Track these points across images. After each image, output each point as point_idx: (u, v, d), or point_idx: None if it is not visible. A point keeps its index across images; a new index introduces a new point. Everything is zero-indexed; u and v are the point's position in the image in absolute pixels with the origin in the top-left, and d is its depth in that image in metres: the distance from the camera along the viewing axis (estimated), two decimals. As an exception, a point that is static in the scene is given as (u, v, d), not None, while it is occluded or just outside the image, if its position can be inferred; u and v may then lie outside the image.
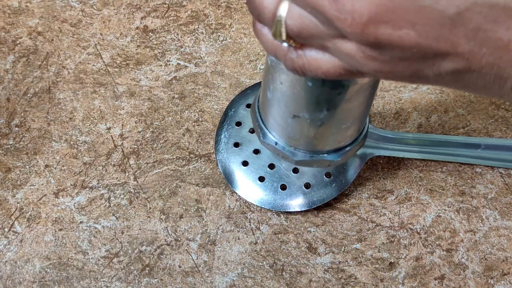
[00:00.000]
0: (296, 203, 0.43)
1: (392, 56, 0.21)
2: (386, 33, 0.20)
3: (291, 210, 0.43)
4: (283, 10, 0.22)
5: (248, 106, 0.46)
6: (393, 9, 0.19)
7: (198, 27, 0.51)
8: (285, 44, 0.24)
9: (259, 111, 0.35)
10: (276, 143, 0.34)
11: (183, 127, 0.47)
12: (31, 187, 0.44)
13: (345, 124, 0.32)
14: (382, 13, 0.19)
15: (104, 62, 0.49)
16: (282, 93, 0.30)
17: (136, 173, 0.45)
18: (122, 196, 0.44)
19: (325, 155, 0.34)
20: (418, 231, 0.43)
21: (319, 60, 0.24)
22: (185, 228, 0.43)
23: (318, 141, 0.33)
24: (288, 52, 0.24)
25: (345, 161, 0.37)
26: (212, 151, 0.46)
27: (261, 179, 0.43)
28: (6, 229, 0.43)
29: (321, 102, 0.29)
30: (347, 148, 0.34)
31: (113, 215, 0.43)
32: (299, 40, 0.23)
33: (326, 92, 0.29)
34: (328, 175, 0.43)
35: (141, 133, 0.46)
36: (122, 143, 0.46)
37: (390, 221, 0.43)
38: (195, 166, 0.45)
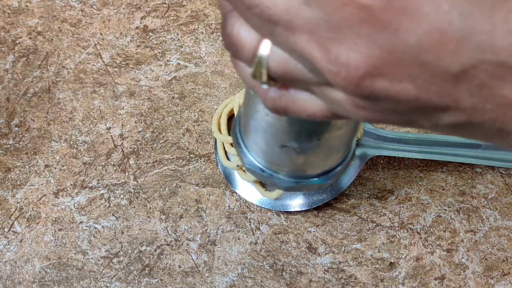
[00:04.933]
0: (296, 203, 0.43)
1: (386, 107, 0.19)
2: (383, 87, 0.18)
3: (291, 210, 0.43)
4: (264, 50, 0.20)
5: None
6: (392, 63, 0.17)
7: (198, 27, 0.51)
8: (265, 86, 0.21)
9: (241, 135, 0.32)
10: (262, 170, 0.32)
11: (183, 127, 0.47)
12: (31, 187, 0.44)
13: (335, 149, 0.30)
14: (380, 66, 0.17)
15: (104, 62, 0.49)
16: (268, 123, 0.28)
17: (136, 173, 0.45)
18: (122, 196, 0.44)
19: (315, 179, 0.32)
20: (418, 231, 0.43)
21: (305, 101, 0.21)
22: (185, 228, 0.43)
23: (307, 167, 0.31)
24: (269, 91, 0.22)
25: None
26: (212, 151, 0.46)
27: (261, 179, 0.43)
28: (6, 229, 0.43)
29: (311, 132, 0.28)
30: (337, 169, 0.33)
31: (113, 215, 0.43)
32: (281, 82, 0.21)
33: (316, 123, 0.27)
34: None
35: (141, 133, 0.46)
36: (122, 143, 0.46)
37: (390, 221, 0.43)
38: (195, 166, 0.45)
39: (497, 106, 0.18)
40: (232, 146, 0.43)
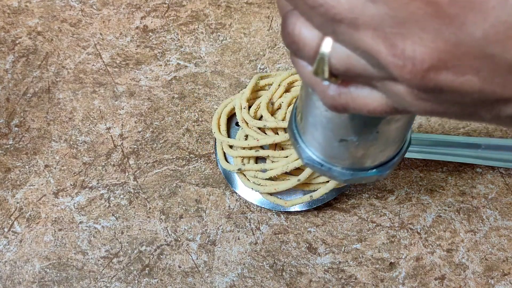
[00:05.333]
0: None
1: (449, 100, 0.20)
2: (448, 79, 0.19)
3: (291, 210, 0.43)
4: (326, 47, 0.20)
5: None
6: (457, 56, 0.18)
7: (198, 27, 0.51)
8: (326, 82, 0.22)
9: (298, 131, 0.33)
10: (321, 165, 0.32)
11: (183, 127, 0.47)
12: (31, 187, 0.44)
13: (393, 141, 0.31)
14: (446, 59, 0.18)
15: (103, 62, 0.49)
16: (327, 119, 0.28)
17: (136, 173, 0.45)
18: (122, 196, 0.44)
19: (373, 170, 0.33)
20: (419, 231, 0.43)
21: (365, 97, 0.22)
22: (185, 228, 0.43)
23: (366, 159, 0.32)
24: (329, 90, 0.22)
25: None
26: (212, 151, 0.46)
27: (261, 179, 0.43)
28: (6, 229, 0.43)
29: (371, 125, 0.28)
30: (394, 160, 0.33)
31: (113, 215, 0.43)
32: (343, 78, 0.22)
33: (377, 117, 0.27)
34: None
35: (141, 133, 0.46)
36: (121, 143, 0.46)
37: (391, 221, 0.43)
38: (195, 166, 0.45)
39: None
40: (230, 148, 0.43)
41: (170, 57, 0.49)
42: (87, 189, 0.44)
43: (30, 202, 0.44)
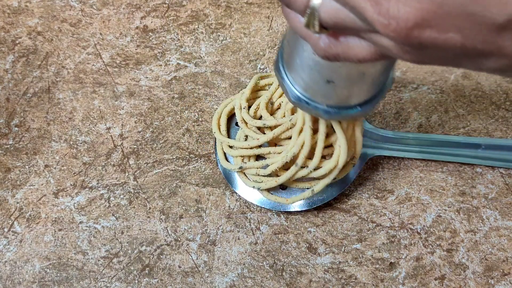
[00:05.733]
0: (296, 203, 0.43)
1: (433, 54, 0.21)
2: (431, 37, 0.20)
3: (291, 210, 0.43)
4: (317, 0, 0.22)
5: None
6: (440, 15, 0.19)
7: (198, 27, 0.51)
8: (317, 34, 0.23)
9: (285, 71, 0.34)
10: (307, 103, 0.34)
11: (183, 127, 0.47)
12: (31, 187, 0.44)
13: (378, 80, 0.32)
14: (429, 18, 0.19)
15: (103, 62, 0.49)
16: (315, 62, 0.30)
17: (136, 173, 0.45)
18: (122, 196, 0.44)
19: (358, 108, 0.34)
20: (419, 231, 0.43)
21: (355, 48, 0.23)
22: (185, 228, 0.43)
23: (351, 98, 0.33)
24: (320, 41, 0.24)
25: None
26: (212, 151, 0.46)
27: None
28: (6, 229, 0.43)
29: (357, 68, 0.30)
30: (378, 97, 0.34)
31: (113, 215, 0.43)
32: (332, 30, 0.23)
33: None
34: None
35: (141, 133, 0.46)
36: (121, 143, 0.46)
37: (391, 221, 0.43)
38: (195, 166, 0.45)
39: None
40: (230, 148, 0.43)
41: (170, 57, 0.49)
42: (87, 189, 0.44)
43: (30, 202, 0.44)
